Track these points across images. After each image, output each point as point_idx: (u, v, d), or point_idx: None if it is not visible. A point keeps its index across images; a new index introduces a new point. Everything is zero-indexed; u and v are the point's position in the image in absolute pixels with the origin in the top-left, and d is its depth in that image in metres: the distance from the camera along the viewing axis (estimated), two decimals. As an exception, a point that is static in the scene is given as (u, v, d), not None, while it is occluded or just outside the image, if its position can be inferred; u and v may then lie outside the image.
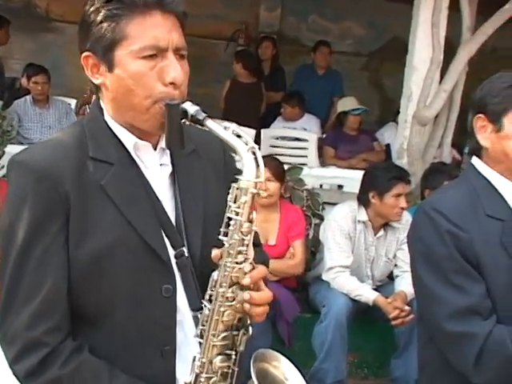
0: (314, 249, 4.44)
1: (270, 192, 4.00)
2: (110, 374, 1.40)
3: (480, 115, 1.92)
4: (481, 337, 1.77)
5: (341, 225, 4.03)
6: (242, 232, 1.36)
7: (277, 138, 6.51)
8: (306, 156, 6.36)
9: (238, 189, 1.37)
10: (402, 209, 3.94)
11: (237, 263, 1.37)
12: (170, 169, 1.54)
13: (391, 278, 4.26)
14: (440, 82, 5.29)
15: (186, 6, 1.44)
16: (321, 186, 5.40)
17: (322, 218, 4.55)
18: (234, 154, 1.47)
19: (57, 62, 7.70)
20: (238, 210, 1.36)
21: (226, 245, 1.37)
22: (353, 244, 4.07)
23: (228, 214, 1.38)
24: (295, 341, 4.13)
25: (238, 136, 1.35)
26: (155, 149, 1.51)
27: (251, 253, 1.39)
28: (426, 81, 5.25)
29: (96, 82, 1.46)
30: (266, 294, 1.42)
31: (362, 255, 4.10)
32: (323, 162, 6.35)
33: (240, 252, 1.37)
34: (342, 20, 8.98)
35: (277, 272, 4.01)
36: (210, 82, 8.34)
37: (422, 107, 5.26)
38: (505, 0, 5.15)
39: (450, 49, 5.34)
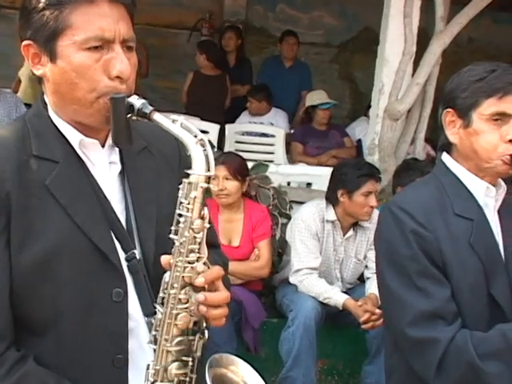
0: (280, 250, 4.41)
1: (227, 191, 3.98)
2: None
3: (449, 110, 1.93)
4: (443, 342, 1.79)
5: (308, 225, 4.03)
6: (192, 229, 1.35)
7: (242, 134, 6.51)
8: (272, 152, 6.38)
9: (189, 184, 1.36)
10: (372, 207, 3.96)
11: (189, 262, 1.36)
12: (119, 167, 1.53)
13: (362, 280, 4.28)
14: (413, 74, 5.31)
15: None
16: (288, 183, 5.40)
17: (289, 218, 4.51)
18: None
19: (5, 53, 7.57)
20: (188, 206, 1.35)
21: (177, 243, 1.36)
22: (321, 245, 4.07)
23: (178, 211, 1.37)
24: (262, 347, 4.14)
25: (187, 129, 1.35)
26: (103, 146, 1.51)
27: (205, 252, 1.39)
28: (397, 73, 5.27)
29: (37, 72, 1.45)
30: (222, 295, 1.40)
31: (330, 256, 4.12)
32: (291, 159, 6.36)
33: (192, 250, 1.36)
34: (312, 9, 8.96)
35: (241, 275, 4.00)
36: (172, 75, 8.29)
37: (393, 101, 5.27)
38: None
39: (424, 40, 5.35)
